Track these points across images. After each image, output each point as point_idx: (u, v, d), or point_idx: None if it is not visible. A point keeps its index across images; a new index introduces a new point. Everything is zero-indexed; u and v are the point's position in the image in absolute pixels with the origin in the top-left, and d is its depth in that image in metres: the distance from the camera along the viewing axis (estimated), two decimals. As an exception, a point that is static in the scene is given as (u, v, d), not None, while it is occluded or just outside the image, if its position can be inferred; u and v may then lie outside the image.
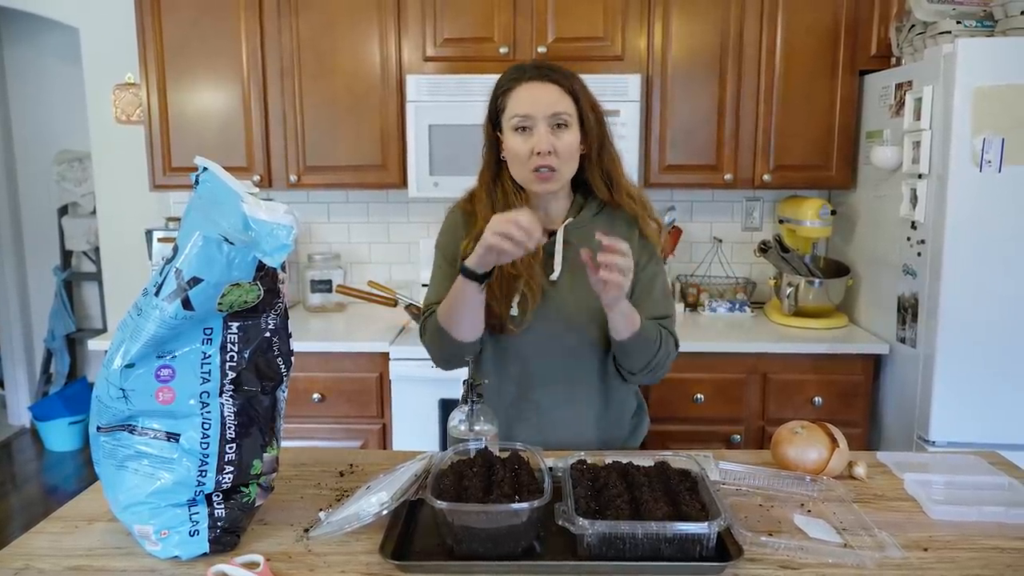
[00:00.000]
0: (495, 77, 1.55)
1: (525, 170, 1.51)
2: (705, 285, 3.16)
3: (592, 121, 1.54)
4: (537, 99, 1.50)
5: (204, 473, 1.14)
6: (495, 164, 1.59)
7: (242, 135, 2.87)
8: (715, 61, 2.78)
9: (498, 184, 1.59)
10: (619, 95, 2.67)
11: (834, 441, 1.42)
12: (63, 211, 4.65)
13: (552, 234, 1.59)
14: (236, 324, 1.15)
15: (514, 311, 1.54)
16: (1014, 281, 2.22)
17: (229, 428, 1.16)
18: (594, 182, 1.59)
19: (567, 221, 1.60)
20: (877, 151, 2.52)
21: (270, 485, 1.25)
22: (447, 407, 2.57)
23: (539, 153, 1.48)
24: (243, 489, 1.19)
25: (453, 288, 1.48)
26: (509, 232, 1.32)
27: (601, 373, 1.62)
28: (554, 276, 1.57)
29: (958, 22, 2.32)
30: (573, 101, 1.52)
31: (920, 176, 2.32)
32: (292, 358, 1.25)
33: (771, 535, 1.19)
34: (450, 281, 1.56)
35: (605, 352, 1.60)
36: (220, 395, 1.15)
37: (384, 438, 2.69)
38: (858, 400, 2.62)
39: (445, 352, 1.59)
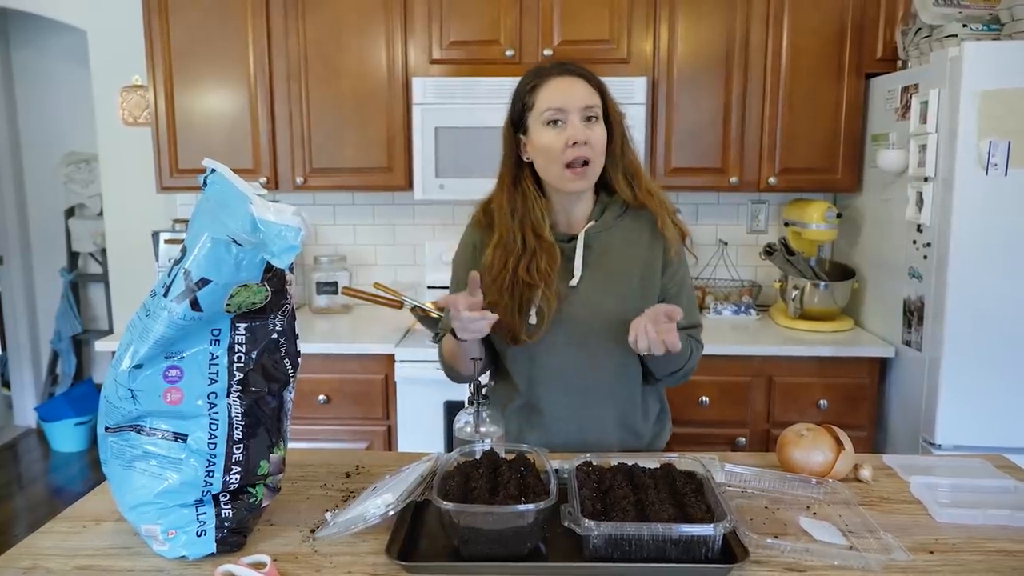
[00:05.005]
0: (501, 80, 1.55)
1: (558, 165, 1.49)
2: (710, 288, 3.16)
3: (617, 119, 1.54)
4: (568, 92, 1.49)
5: (211, 473, 1.15)
6: (515, 167, 1.57)
7: (249, 137, 2.88)
8: (721, 64, 2.78)
9: (518, 188, 1.57)
10: (625, 98, 2.65)
11: (840, 444, 1.42)
12: (70, 213, 4.68)
13: (573, 239, 1.58)
14: (244, 325, 1.15)
15: (532, 319, 1.54)
16: (1020, 284, 2.22)
17: (236, 429, 1.16)
18: (616, 181, 1.57)
19: (588, 225, 1.58)
20: (883, 154, 2.51)
21: (277, 486, 1.25)
22: (452, 409, 2.57)
23: (575, 144, 1.46)
24: (250, 490, 1.19)
25: (448, 342, 1.57)
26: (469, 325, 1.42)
27: (620, 377, 1.60)
28: (573, 282, 1.56)
29: (964, 25, 2.32)
30: (600, 96, 1.52)
31: (926, 179, 2.32)
32: (299, 359, 1.26)
33: (777, 537, 1.19)
34: None
35: (624, 356, 1.56)
36: (228, 396, 1.15)
37: (389, 440, 2.69)
38: (863, 403, 2.61)
39: (455, 378, 1.70)
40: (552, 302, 1.52)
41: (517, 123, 1.55)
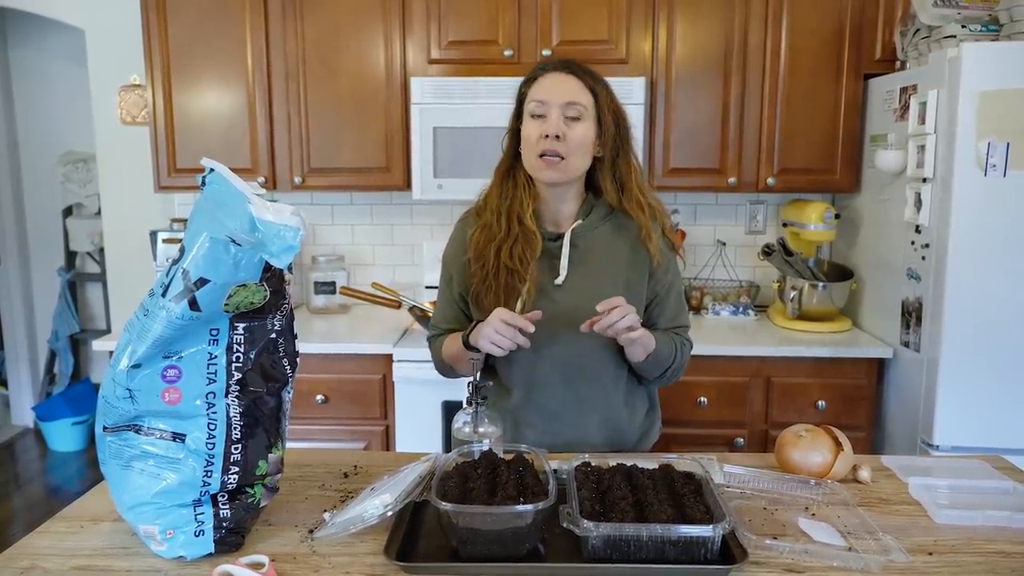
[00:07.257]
0: (500, 80, 1.57)
1: (533, 155, 1.53)
2: (709, 288, 3.16)
3: (610, 122, 1.56)
4: (555, 87, 1.53)
5: (209, 473, 1.15)
6: (512, 155, 1.62)
7: (247, 137, 2.88)
8: (719, 64, 2.78)
9: (510, 176, 1.61)
10: (623, 98, 2.57)
11: (838, 445, 1.42)
12: (68, 212, 4.67)
13: (560, 237, 1.60)
14: (242, 325, 1.15)
15: (518, 309, 1.55)
16: (1018, 285, 2.22)
17: (235, 429, 1.16)
18: (604, 184, 1.60)
19: (575, 224, 1.60)
20: (881, 155, 2.52)
21: (275, 486, 1.25)
22: (450, 409, 2.57)
23: (547, 136, 1.50)
24: (248, 490, 1.19)
25: (455, 346, 1.59)
26: (501, 342, 1.45)
27: (609, 375, 1.62)
28: (559, 280, 1.58)
29: (963, 26, 2.32)
30: (592, 97, 1.54)
31: (924, 180, 2.32)
32: (297, 359, 1.26)
33: (776, 538, 1.19)
34: (453, 305, 1.67)
35: (612, 353, 1.60)
36: (226, 396, 1.15)
37: (387, 440, 2.69)
38: (862, 404, 2.61)
39: (448, 375, 1.75)
40: (532, 293, 1.55)
41: (518, 114, 1.60)
